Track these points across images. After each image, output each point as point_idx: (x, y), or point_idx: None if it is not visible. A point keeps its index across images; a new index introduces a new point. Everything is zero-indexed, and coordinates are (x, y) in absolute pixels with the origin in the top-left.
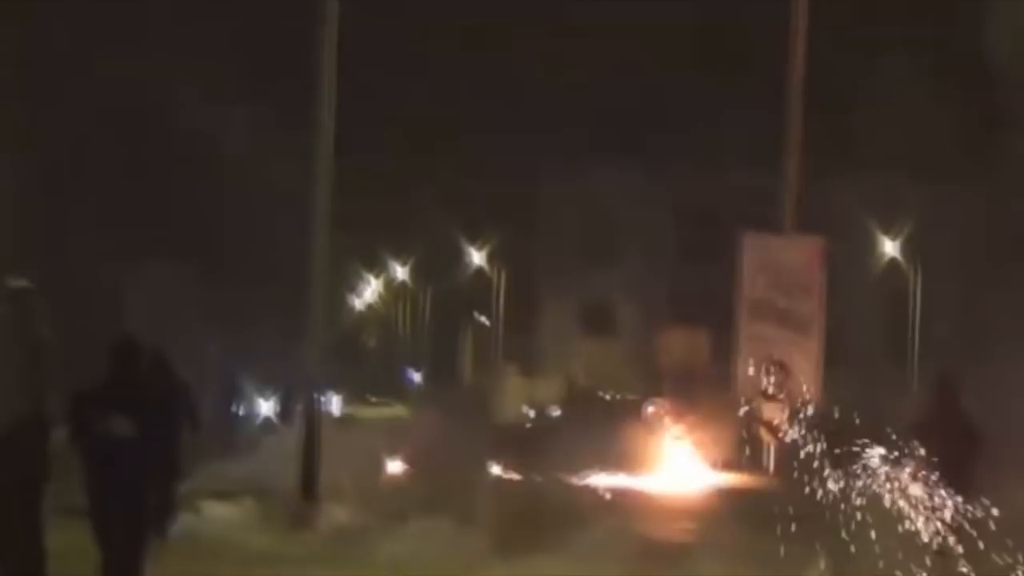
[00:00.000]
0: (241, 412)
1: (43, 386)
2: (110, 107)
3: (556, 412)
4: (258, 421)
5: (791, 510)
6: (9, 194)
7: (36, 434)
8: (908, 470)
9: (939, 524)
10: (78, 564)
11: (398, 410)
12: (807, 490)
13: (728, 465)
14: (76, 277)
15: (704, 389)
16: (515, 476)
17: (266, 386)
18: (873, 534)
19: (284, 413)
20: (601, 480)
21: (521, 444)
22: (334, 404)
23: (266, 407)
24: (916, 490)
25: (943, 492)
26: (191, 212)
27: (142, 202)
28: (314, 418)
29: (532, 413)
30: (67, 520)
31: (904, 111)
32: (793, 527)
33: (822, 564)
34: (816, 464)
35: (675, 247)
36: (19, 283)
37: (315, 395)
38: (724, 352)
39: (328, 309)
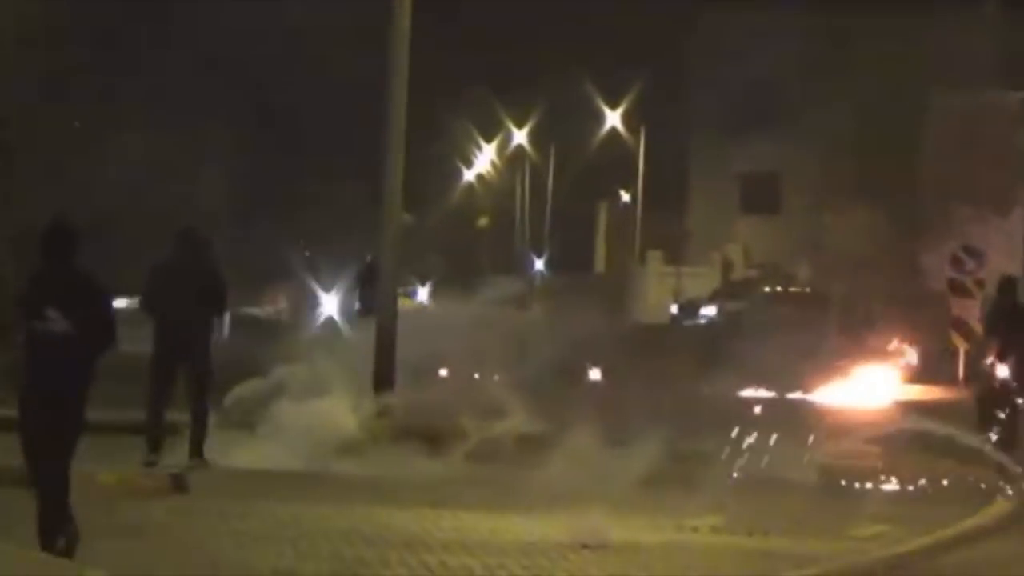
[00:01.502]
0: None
1: None
2: None
3: (708, 310)
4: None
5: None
6: None
7: None
8: None
9: None
10: None
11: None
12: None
13: (918, 374)
14: None
15: (885, 282)
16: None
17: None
18: None
19: (364, 309)
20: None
21: (666, 352)
22: (420, 294)
23: (329, 303)
24: None
25: None
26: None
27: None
28: (388, 316)
29: (678, 311)
30: None
31: None
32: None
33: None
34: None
35: (851, 107)
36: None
37: (389, 288)
38: (908, 236)
39: (415, 180)
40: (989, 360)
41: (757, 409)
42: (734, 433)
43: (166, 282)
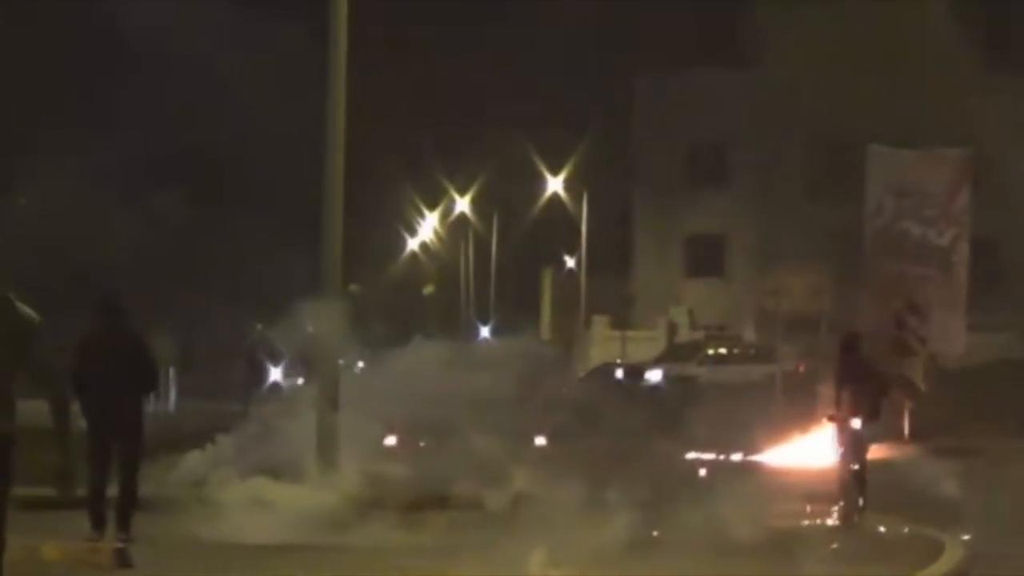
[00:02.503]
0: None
1: None
2: None
3: (654, 374)
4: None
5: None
6: None
7: None
8: None
9: None
10: None
11: None
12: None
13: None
14: None
15: (830, 341)
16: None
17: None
18: None
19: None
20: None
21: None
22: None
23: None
24: None
25: None
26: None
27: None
28: (330, 393)
29: (623, 374)
30: None
31: None
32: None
33: None
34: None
35: (798, 164)
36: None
37: (331, 362)
38: (850, 295)
39: (357, 250)
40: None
41: (702, 471)
42: (676, 494)
43: (90, 355)
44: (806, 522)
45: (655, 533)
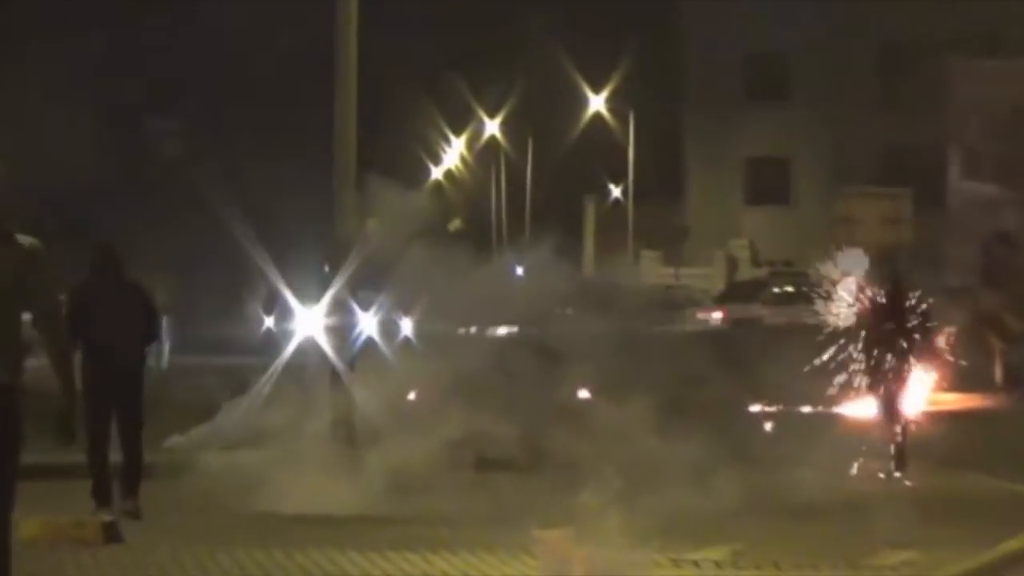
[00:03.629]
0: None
1: None
2: None
3: (714, 315)
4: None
5: None
6: None
7: None
8: None
9: None
10: None
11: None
12: None
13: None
14: None
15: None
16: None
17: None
18: None
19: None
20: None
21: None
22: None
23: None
24: None
25: None
26: None
27: None
28: (348, 347)
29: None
30: None
31: None
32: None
33: None
34: None
35: (868, 79)
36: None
37: (349, 310)
38: (931, 223)
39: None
40: None
41: (768, 425)
42: (740, 453)
43: (89, 306)
44: (882, 478)
45: (716, 501)
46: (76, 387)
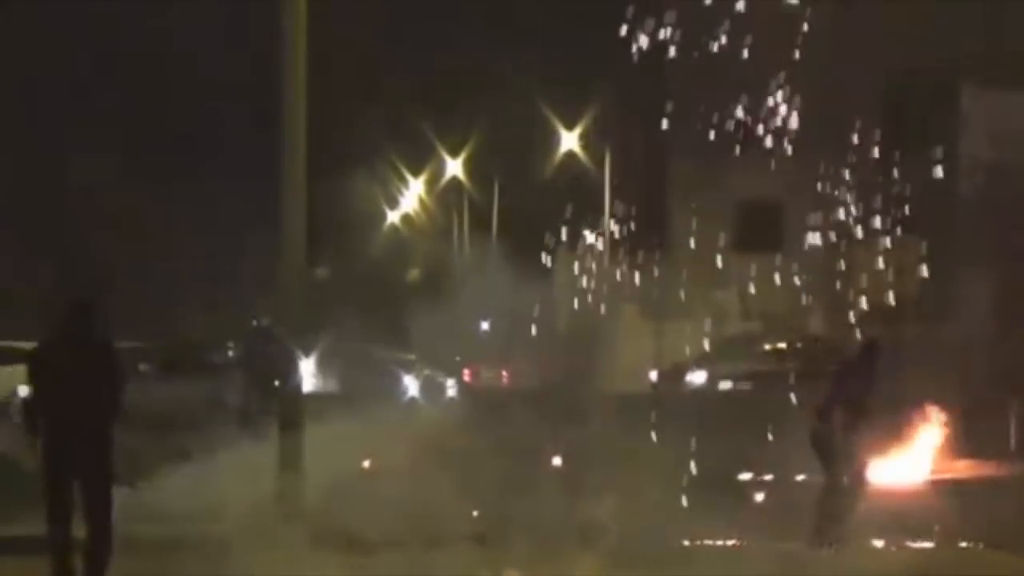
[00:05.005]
0: None
1: None
2: None
3: (697, 375)
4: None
5: None
6: None
7: None
8: None
9: None
10: None
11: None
12: None
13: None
14: None
15: (920, 328)
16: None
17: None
18: None
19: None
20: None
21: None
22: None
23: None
24: None
25: None
26: None
27: None
28: (293, 407)
29: (658, 377)
30: None
31: None
32: None
33: None
34: None
35: (873, 112)
36: None
37: (294, 369)
38: (945, 273)
39: (325, 224)
40: None
41: (759, 496)
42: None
43: (55, 371)
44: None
45: None
46: None
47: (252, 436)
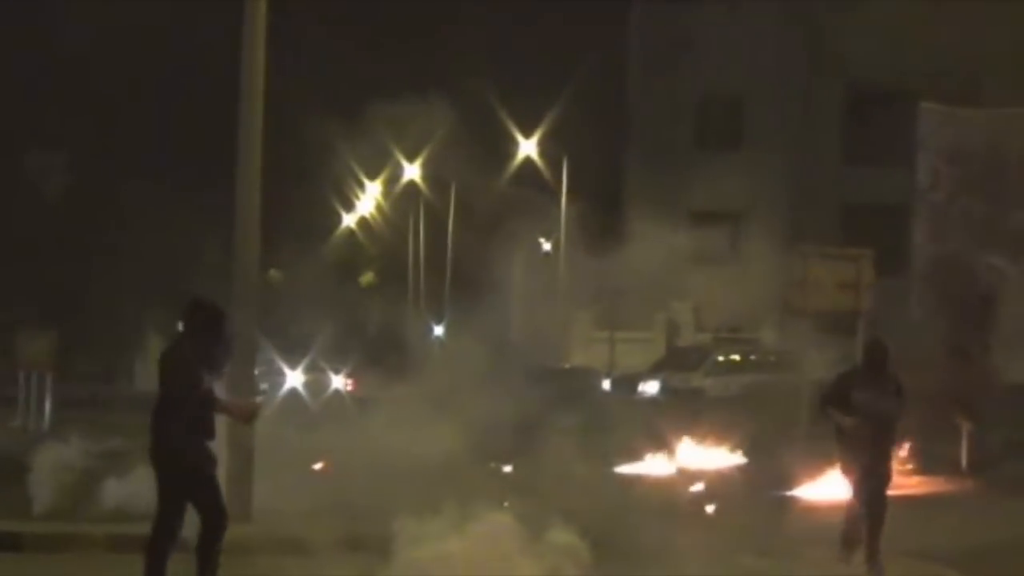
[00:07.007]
0: None
1: None
2: None
3: (650, 385)
4: None
5: None
6: None
7: None
8: None
9: None
10: None
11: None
12: None
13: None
14: None
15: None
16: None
17: None
18: None
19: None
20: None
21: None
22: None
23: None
24: None
25: None
26: None
27: None
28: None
29: (611, 386)
30: None
31: None
32: None
33: None
34: None
35: (831, 128)
36: None
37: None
38: (896, 285)
39: (279, 227)
40: None
41: (709, 508)
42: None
43: None
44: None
45: None
46: None
47: None
